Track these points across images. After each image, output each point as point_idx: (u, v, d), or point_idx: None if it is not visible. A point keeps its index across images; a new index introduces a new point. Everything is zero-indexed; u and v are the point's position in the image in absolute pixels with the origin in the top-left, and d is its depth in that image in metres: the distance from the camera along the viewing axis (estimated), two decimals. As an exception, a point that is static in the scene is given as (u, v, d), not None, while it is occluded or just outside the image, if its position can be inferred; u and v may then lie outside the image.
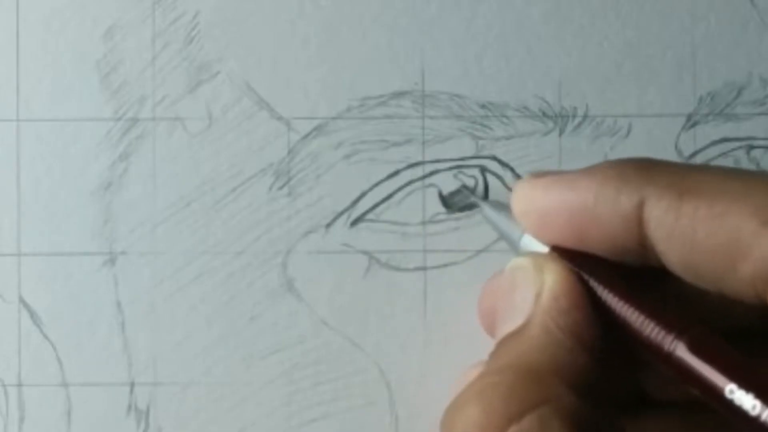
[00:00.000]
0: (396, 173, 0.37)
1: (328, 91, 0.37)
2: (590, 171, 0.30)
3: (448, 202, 0.37)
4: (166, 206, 0.37)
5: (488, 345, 0.32)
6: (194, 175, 0.37)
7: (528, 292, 0.30)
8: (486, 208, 0.34)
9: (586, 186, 0.30)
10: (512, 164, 0.38)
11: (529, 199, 0.31)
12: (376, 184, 0.37)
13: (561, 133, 0.37)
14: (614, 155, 0.37)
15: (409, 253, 0.37)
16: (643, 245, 0.29)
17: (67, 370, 0.37)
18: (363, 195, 0.37)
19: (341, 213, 0.37)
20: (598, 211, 0.29)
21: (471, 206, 0.37)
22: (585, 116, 0.37)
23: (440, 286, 0.37)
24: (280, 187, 0.37)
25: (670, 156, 0.37)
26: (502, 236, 0.33)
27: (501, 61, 0.37)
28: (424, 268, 0.37)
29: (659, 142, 0.37)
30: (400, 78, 0.37)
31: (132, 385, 0.37)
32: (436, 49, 0.37)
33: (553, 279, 0.29)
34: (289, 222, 0.37)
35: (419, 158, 0.37)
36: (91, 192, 0.38)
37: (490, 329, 0.32)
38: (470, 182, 0.37)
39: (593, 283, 0.29)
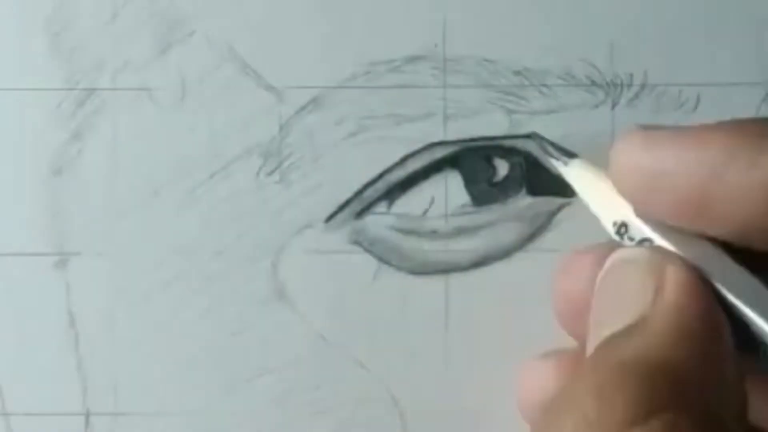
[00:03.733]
0: (412, 155, 0.37)
1: (328, 55, 0.37)
2: (721, 126, 0.29)
3: (476, 191, 0.36)
4: (128, 196, 0.37)
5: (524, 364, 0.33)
6: (164, 157, 0.37)
7: (644, 286, 0.29)
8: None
9: (718, 142, 0.28)
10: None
11: (636, 156, 0.30)
12: (388, 170, 0.37)
13: (614, 105, 0.37)
14: (679, 133, 0.38)
15: (428, 253, 0.37)
16: None
17: (7, 398, 0.37)
18: (371, 182, 0.37)
19: (344, 204, 0.37)
20: (729, 176, 0.28)
21: (503, 197, 0.37)
22: (643, 85, 0.37)
23: (465, 294, 0.37)
24: (270, 173, 0.37)
25: (748, 134, 0.38)
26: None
27: (539, 18, 0.37)
28: (445, 272, 0.37)
29: (734, 117, 0.36)
30: (416, 39, 0.37)
31: (87, 415, 0.37)
32: (460, 3, 0.37)
33: (678, 275, 0.29)
34: (280, 215, 0.37)
35: (440, 137, 0.37)
36: (38, 178, 0.37)
37: (573, 323, 0.33)
38: (502, 167, 0.37)
39: (724, 287, 0.29)
